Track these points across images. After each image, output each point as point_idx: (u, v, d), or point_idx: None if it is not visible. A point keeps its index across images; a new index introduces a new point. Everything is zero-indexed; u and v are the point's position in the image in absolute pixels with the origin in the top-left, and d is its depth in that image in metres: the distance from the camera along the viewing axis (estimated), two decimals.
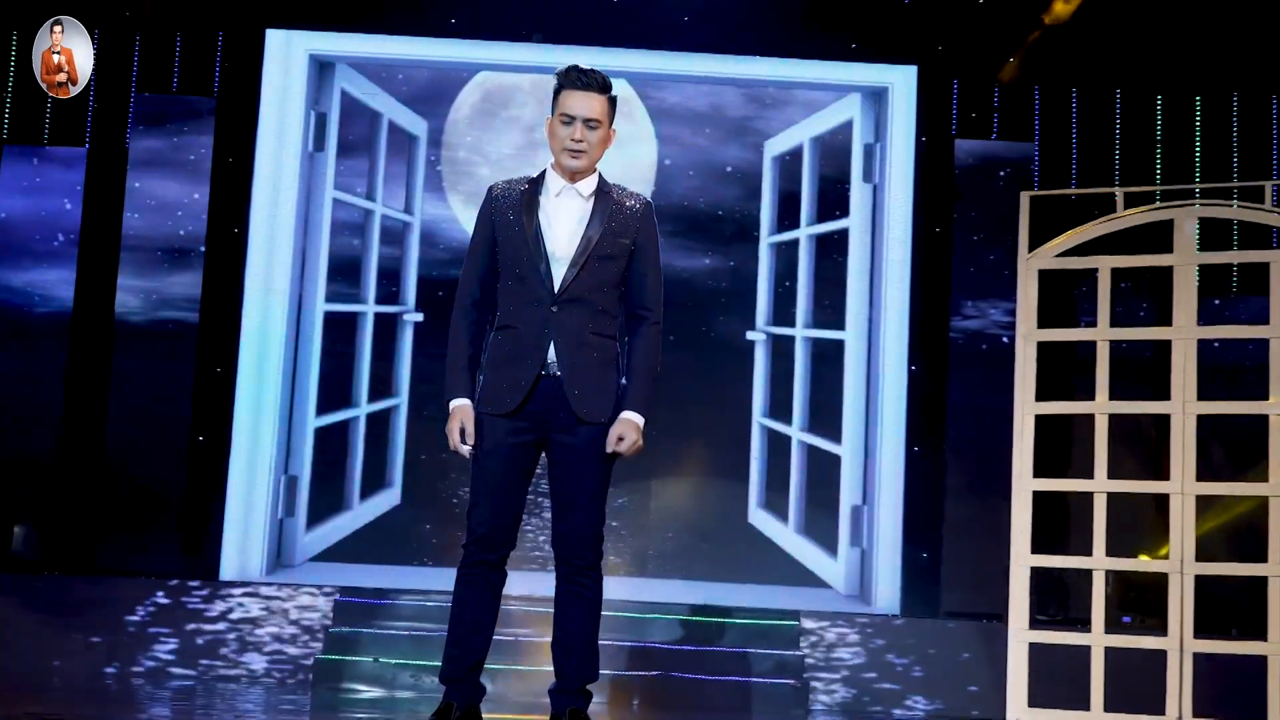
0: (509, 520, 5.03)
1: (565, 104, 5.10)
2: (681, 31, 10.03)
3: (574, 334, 4.95)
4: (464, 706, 5.06)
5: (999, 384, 9.61)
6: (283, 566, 9.62)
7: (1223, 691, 7.29)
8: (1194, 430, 7.18)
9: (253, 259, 9.76)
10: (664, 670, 8.52)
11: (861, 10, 10.02)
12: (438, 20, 10.03)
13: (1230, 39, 9.87)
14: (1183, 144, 10.07)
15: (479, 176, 10.10)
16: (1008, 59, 10.05)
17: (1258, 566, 7.15)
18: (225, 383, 9.71)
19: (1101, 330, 7.37)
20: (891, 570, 9.63)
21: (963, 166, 9.89)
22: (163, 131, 9.76)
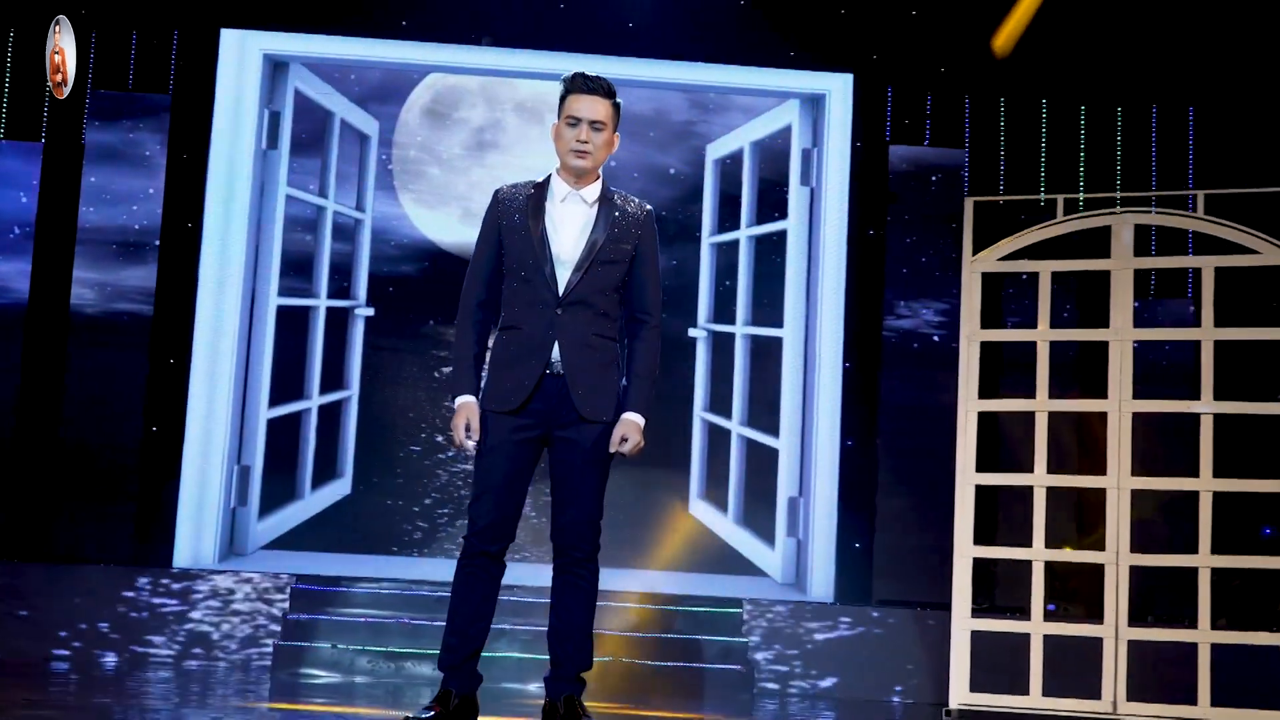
0: (510, 514, 5.06)
1: (572, 107, 5.14)
2: (626, 37, 10.05)
3: (578, 335, 4.99)
4: (462, 694, 5.07)
5: (930, 381, 9.80)
6: (235, 554, 9.56)
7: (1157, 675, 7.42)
8: (1130, 427, 7.33)
9: (207, 253, 9.69)
10: (615, 656, 8.55)
11: (800, 19, 10.09)
12: (389, 22, 9.99)
13: (1149, 53, 10.01)
14: (1104, 152, 10.21)
15: (429, 175, 10.10)
16: (939, 68, 10.15)
17: (1189, 558, 7.31)
18: (179, 374, 9.63)
19: (1042, 331, 7.51)
20: (826, 559, 9.71)
21: (896, 171, 9.98)
22: (118, 127, 9.66)
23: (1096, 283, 9.32)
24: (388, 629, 8.65)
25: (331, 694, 7.64)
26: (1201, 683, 7.13)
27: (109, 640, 8.62)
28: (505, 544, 5.08)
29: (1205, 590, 7.18)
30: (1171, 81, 10.15)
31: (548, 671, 5.14)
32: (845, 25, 10.12)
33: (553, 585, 5.16)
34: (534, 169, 9.94)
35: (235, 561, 9.44)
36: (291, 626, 8.64)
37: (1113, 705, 7.21)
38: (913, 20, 10.16)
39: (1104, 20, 9.98)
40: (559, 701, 5.03)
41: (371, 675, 8.36)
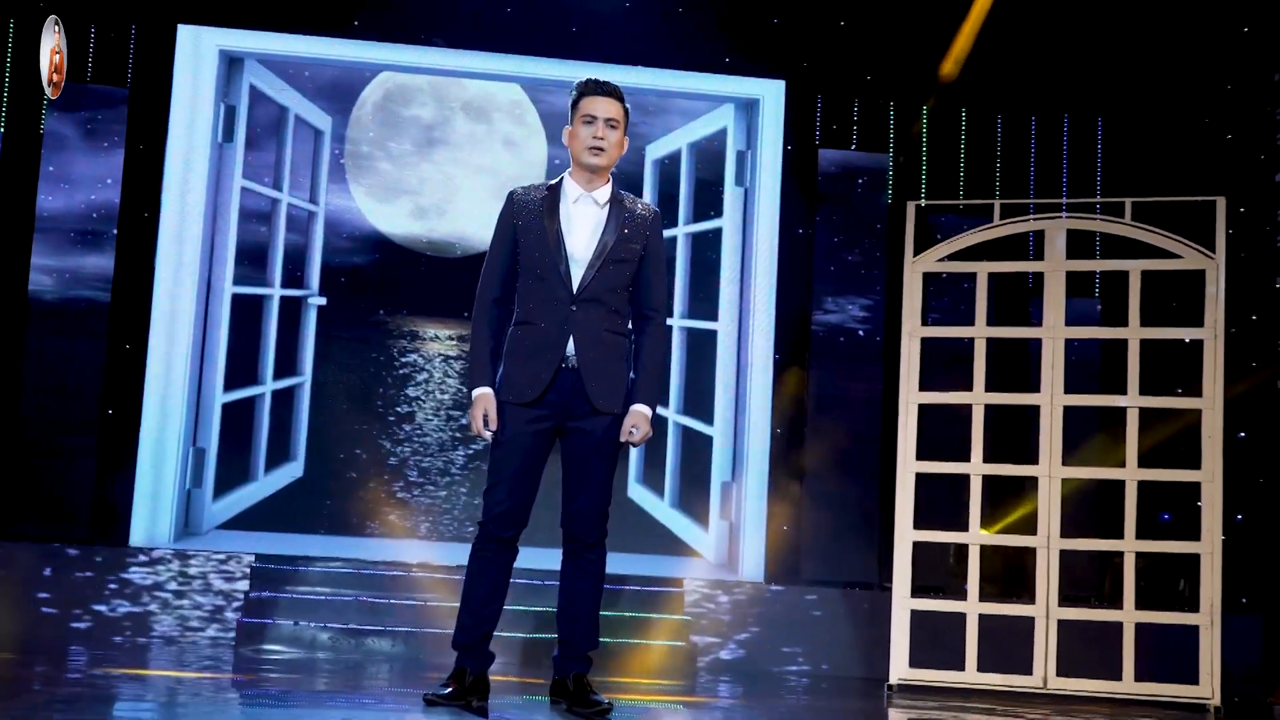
0: (525, 501, 5.10)
1: (587, 107, 5.17)
2: (570, 41, 10.06)
3: (591, 331, 5.03)
4: (476, 672, 5.10)
5: (854, 373, 9.95)
6: (190, 534, 9.49)
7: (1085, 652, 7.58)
8: (1061, 419, 7.49)
9: (164, 242, 9.59)
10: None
11: (735, 28, 10.15)
12: (341, 21, 9.93)
13: (1062, 67, 10.20)
14: (1019, 159, 10.40)
15: (380, 170, 10.06)
16: (866, 76, 10.27)
17: (1115, 542, 7.48)
18: (136, 359, 9.53)
19: (979, 328, 7.65)
20: (757, 541, 9.81)
21: (825, 174, 10.09)
22: (76, 118, 9.51)
23: (1012, 283, 9.56)
24: (347, 607, 8.63)
25: (294, 669, 7.61)
26: (1126, 659, 7.31)
27: (68, 617, 8.51)
28: (519, 530, 5.12)
29: (1130, 574, 7.38)
30: (1082, 94, 10.35)
31: (556, 651, 5.19)
32: (778, 34, 10.21)
33: (562, 569, 5.20)
34: (482, 166, 10.07)
35: (191, 541, 9.37)
36: (254, 604, 8.60)
37: (1043, 680, 7.37)
38: (841, 30, 10.27)
39: (1019, 35, 10.13)
40: (568, 679, 5.09)
41: (332, 651, 8.34)
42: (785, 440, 9.96)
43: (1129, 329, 7.46)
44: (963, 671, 7.47)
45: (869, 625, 8.84)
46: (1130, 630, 7.33)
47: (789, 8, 10.21)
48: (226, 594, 8.66)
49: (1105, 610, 7.56)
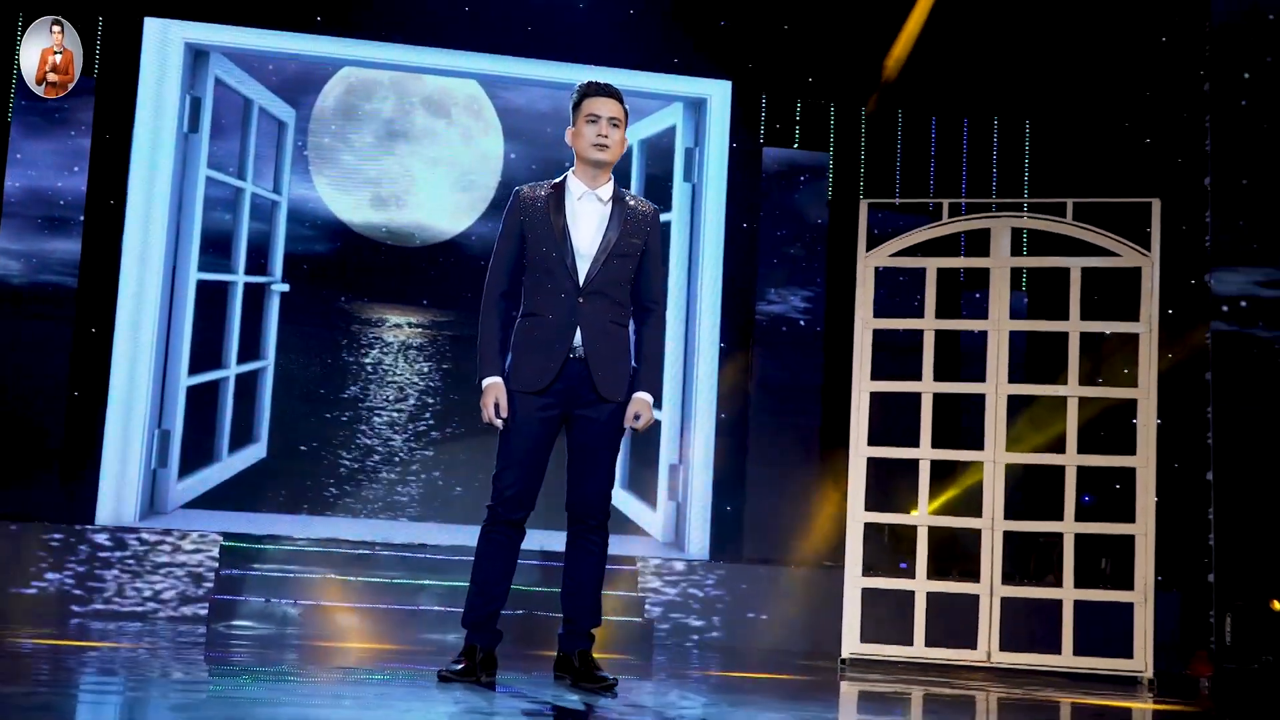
0: (533, 486, 5.11)
1: (590, 107, 5.19)
2: (526, 40, 10.06)
3: (597, 322, 5.04)
4: (485, 649, 5.10)
5: (795, 362, 10.05)
6: (156, 513, 9.40)
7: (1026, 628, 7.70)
8: (1005, 407, 7.60)
9: (130, 229, 9.49)
10: (529, 609, 8.59)
11: (684, 30, 10.20)
12: (304, 17, 9.88)
13: (993, 71, 10.33)
14: (951, 159, 10.53)
15: (342, 162, 10.00)
16: (808, 79, 10.35)
17: (1055, 524, 7.60)
18: (102, 343, 9.43)
19: (928, 321, 7.74)
20: (703, 521, 9.88)
21: (769, 171, 10.18)
22: (43, 107, 9.39)
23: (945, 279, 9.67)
24: (315, 584, 8.59)
25: (267, 644, 7.57)
26: (1065, 635, 7.44)
27: (42, 595, 8.41)
28: (527, 512, 5.13)
29: (1070, 553, 7.49)
30: (1011, 98, 10.49)
31: (561, 629, 5.21)
32: (725, 37, 10.27)
33: (566, 550, 5.21)
34: (439, 158, 10.05)
35: (156, 520, 9.29)
36: (225, 581, 8.54)
37: (987, 655, 7.48)
38: (785, 34, 10.35)
39: (953, 42, 10.26)
40: (573, 655, 5.11)
41: (303, 627, 8.29)
42: (730, 425, 10.03)
43: (1069, 323, 7.58)
44: (911, 646, 7.55)
45: (813, 601, 8.95)
46: (1069, 607, 7.45)
47: (735, 12, 10.27)
48: (196, 572, 8.60)
49: (1046, 588, 7.69)
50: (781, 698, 5.98)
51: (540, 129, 10.21)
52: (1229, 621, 7.71)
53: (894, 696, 6.52)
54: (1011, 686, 7.02)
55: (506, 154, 10.16)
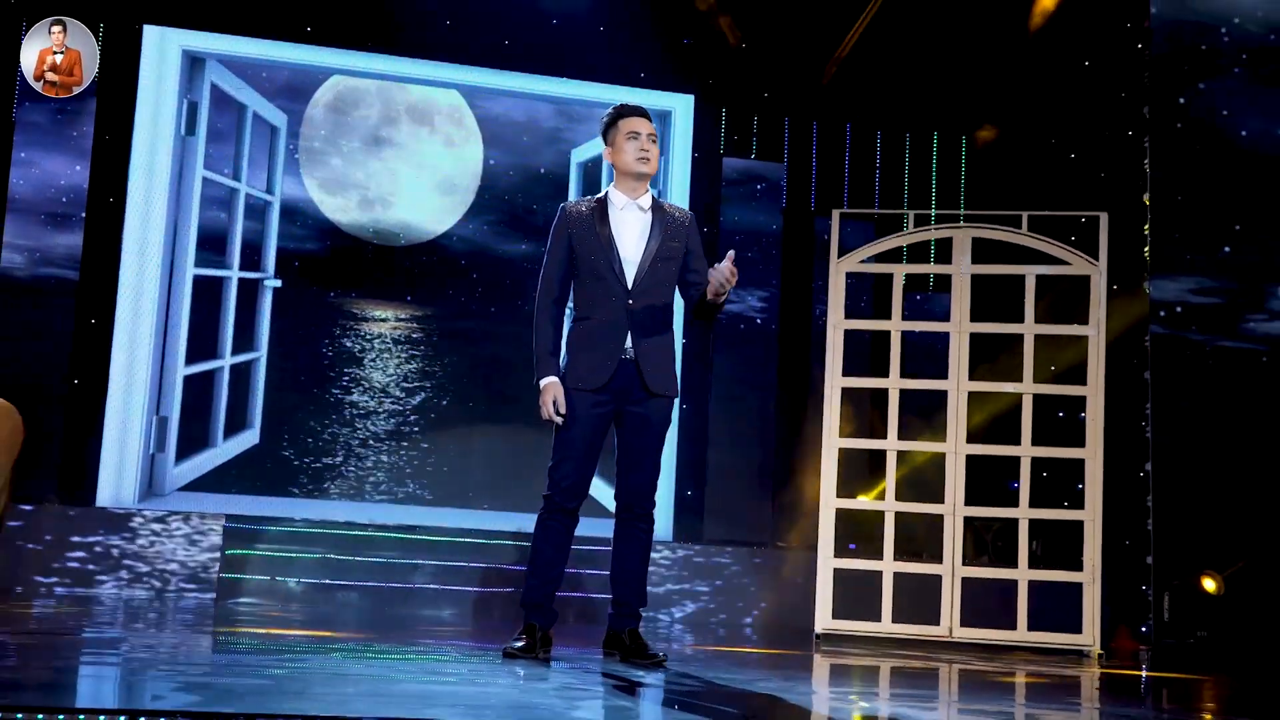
0: (587, 476, 5.13)
1: (629, 126, 5.22)
2: (504, 53, 10.03)
3: (646, 324, 5.06)
4: (544, 627, 5.11)
5: (752, 357, 10.12)
6: (154, 495, 9.27)
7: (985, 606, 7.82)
8: (965, 403, 7.70)
9: (129, 226, 9.36)
10: (517, 587, 8.57)
11: (650, 47, 10.21)
12: (296, 27, 9.78)
13: (933, 87, 10.45)
14: (894, 171, 10.63)
15: (331, 165, 9.90)
16: (764, 94, 10.41)
17: (1011, 510, 7.72)
18: (102, 333, 9.30)
19: (895, 323, 7.83)
20: (666, 504, 9.90)
21: (728, 179, 10.24)
22: (46, 109, 9.24)
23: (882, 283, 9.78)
24: (315, 563, 8.53)
25: (273, 620, 7.51)
26: (1020, 612, 7.57)
27: (56, 574, 8.28)
28: (581, 501, 5.15)
29: (1024, 537, 7.62)
30: (950, 113, 10.61)
31: (610, 609, 5.22)
32: (688, 54, 10.30)
33: (615, 536, 5.23)
34: (423, 163, 9.99)
35: (156, 502, 9.17)
36: (230, 560, 8.45)
37: (949, 630, 7.60)
38: (743, 52, 10.39)
39: (895, 60, 10.35)
40: (623, 634, 5.13)
41: (309, 604, 8.25)
42: (692, 415, 10.07)
43: (1025, 325, 7.70)
44: (879, 622, 7.65)
45: (774, 579, 9.02)
46: (1024, 587, 7.58)
47: (698, 31, 10.30)
48: (202, 551, 8.49)
49: (1003, 569, 7.80)
50: (772, 669, 6.02)
51: (517, 137, 10.18)
52: (1167, 600, 7.86)
53: (866, 668, 6.60)
54: (972, 659, 7.13)
55: (486, 160, 10.11)
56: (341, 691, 3.97)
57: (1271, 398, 7.86)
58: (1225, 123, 8.04)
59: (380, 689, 4.05)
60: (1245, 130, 8.04)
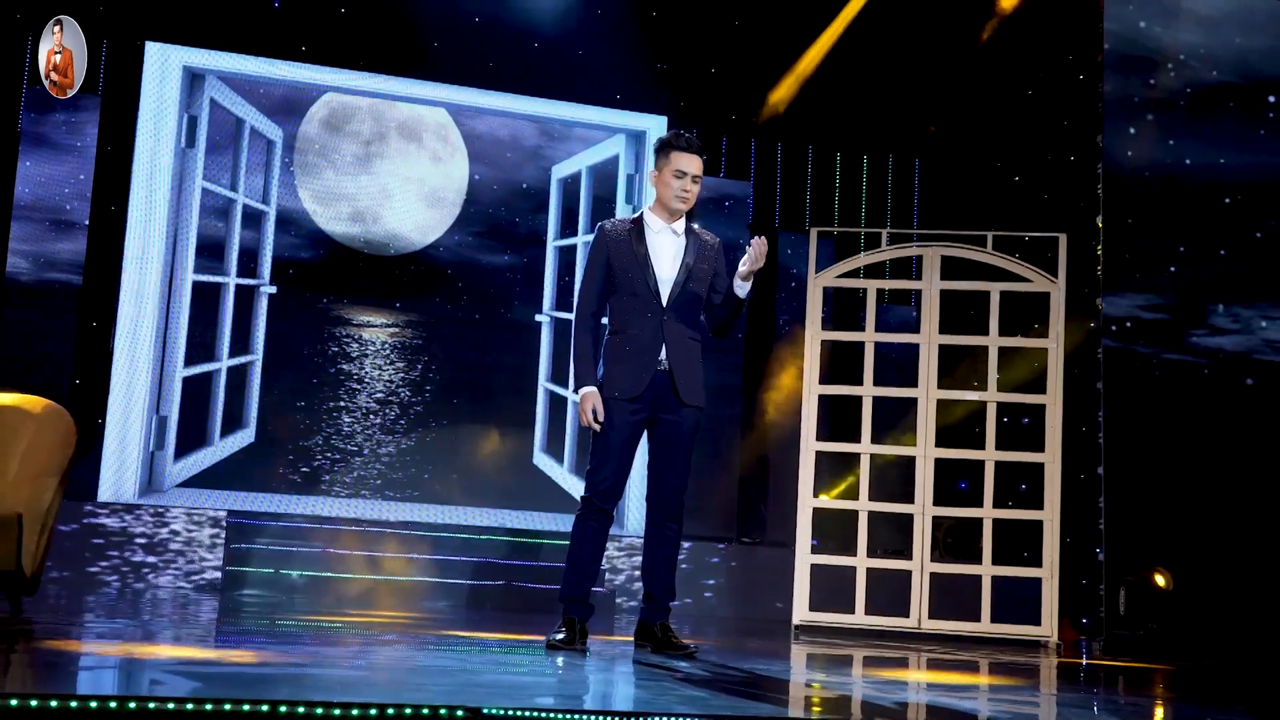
0: (623, 480, 5.17)
1: (678, 162, 5.19)
2: (488, 74, 10.06)
3: (678, 338, 5.10)
4: (582, 620, 5.14)
5: (719, 364, 10.16)
6: (154, 491, 9.20)
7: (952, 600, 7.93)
8: (934, 409, 7.82)
9: (131, 233, 9.28)
10: (506, 580, 8.63)
11: (626, 71, 10.26)
12: (291, 46, 9.75)
13: (888, 112, 10.59)
14: (852, 190, 10.76)
15: (325, 177, 9.87)
16: (732, 116, 10.51)
17: (976, 510, 7.85)
18: (103, 336, 9.23)
19: (869, 334, 7.92)
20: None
21: (698, 197, 10.25)
22: (51, 120, 9.15)
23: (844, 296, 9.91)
24: (316, 557, 8.51)
25: (277, 610, 7.48)
26: (984, 605, 7.69)
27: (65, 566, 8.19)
28: (616, 502, 5.18)
29: (988, 535, 7.74)
30: (903, 136, 10.76)
31: (642, 603, 5.26)
32: (662, 77, 10.37)
33: (646, 535, 5.27)
34: (411, 177, 10.00)
35: (153, 497, 9.09)
36: (234, 555, 8.41)
37: (918, 622, 7.71)
38: (713, 77, 10.49)
39: (856, 83, 10.49)
40: (655, 626, 5.17)
41: (311, 595, 8.22)
42: None
43: (989, 337, 7.83)
44: (853, 614, 7.74)
45: (746, 573, 9.11)
46: (988, 582, 7.71)
47: (670, 56, 10.37)
48: (205, 545, 8.45)
49: (968, 565, 7.91)
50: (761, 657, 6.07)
51: (501, 154, 10.20)
52: (1122, 594, 8.01)
53: (842, 657, 6.69)
54: (939, 648, 7.24)
55: (471, 175, 10.12)
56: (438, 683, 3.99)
57: (1212, 407, 8.04)
58: (1171, 151, 8.23)
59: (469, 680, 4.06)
60: (1189, 159, 8.22)
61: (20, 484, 5.06)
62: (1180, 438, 7.98)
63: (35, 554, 5.01)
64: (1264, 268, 8.23)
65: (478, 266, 10.04)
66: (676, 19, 10.41)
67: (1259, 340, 8.18)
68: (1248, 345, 8.16)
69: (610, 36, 10.20)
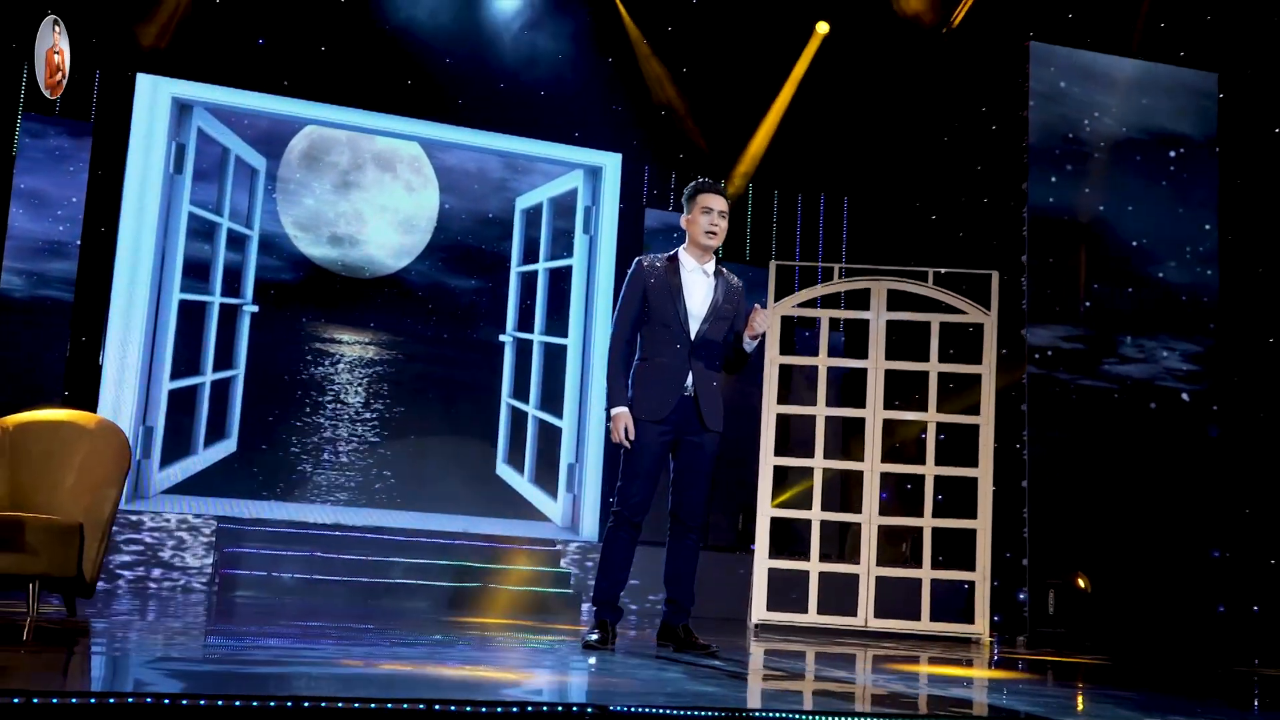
0: (651, 494, 5.25)
1: (706, 201, 5.33)
2: (458, 111, 10.17)
3: (704, 368, 5.22)
4: (613, 622, 5.25)
5: None
6: (139, 498, 9.14)
7: (895, 601, 8.18)
8: (881, 428, 8.07)
9: (121, 254, 9.25)
10: (482, 583, 8.71)
11: (585, 111, 10.45)
12: (275, 81, 9.78)
13: (820, 153, 10.88)
14: (788, 227, 11.04)
15: (305, 204, 9.89)
16: (680, 155, 10.72)
17: (917, 520, 8.10)
18: (93, 350, 9.18)
19: (822, 359, 8.16)
20: (594, 509, 10.11)
21: (649, 228, 10.49)
22: (45, 145, 9.08)
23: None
24: (305, 560, 8.52)
25: (272, 610, 7.47)
26: (924, 605, 7.94)
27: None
28: (645, 515, 5.27)
29: (928, 542, 8.00)
30: (834, 176, 11.05)
31: (665, 607, 5.37)
32: (617, 119, 10.56)
33: (669, 546, 5.35)
34: (386, 206, 10.06)
35: (139, 503, 9.04)
36: (228, 558, 8.40)
37: (865, 620, 7.94)
38: (662, 119, 10.71)
39: (790, 128, 10.77)
40: (678, 628, 5.29)
41: (303, 596, 8.22)
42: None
43: (930, 364, 8.11)
44: (806, 614, 7.95)
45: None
46: (927, 585, 7.97)
47: (624, 99, 10.58)
48: (197, 550, 8.43)
49: (910, 569, 8.17)
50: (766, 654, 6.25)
51: (469, 185, 10.31)
52: (1051, 595, 8.32)
53: (796, 653, 6.88)
54: (883, 644, 7.47)
55: (442, 204, 10.21)
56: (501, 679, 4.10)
57: (1122, 427, 8.40)
58: (1087, 199, 8.59)
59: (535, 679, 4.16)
60: (1102, 206, 8.59)
61: (79, 494, 5.08)
62: (1095, 455, 8.31)
63: (95, 560, 5.04)
64: (1164, 304, 8.62)
65: (446, 289, 10.13)
66: (630, 65, 10.62)
67: (1160, 368, 8.57)
68: (1151, 373, 8.55)
69: (570, 80, 10.37)
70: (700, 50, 10.66)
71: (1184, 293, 8.63)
